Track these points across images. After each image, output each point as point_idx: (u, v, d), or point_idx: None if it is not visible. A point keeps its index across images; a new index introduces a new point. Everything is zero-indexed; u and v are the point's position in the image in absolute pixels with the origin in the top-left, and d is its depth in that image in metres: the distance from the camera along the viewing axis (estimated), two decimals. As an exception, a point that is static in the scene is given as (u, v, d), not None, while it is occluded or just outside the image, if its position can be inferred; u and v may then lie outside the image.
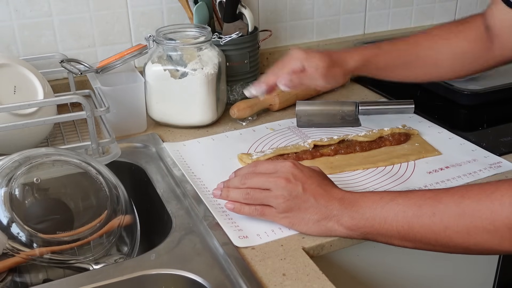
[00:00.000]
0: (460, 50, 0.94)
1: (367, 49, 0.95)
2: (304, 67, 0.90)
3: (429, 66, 0.96)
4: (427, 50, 0.95)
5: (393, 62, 0.95)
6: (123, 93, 1.01)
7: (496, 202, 0.62)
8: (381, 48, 0.95)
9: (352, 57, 0.93)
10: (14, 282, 0.76)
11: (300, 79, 0.90)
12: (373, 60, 0.94)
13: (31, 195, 0.75)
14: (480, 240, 0.63)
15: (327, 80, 0.91)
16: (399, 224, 0.68)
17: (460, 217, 0.64)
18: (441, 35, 0.95)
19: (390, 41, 0.97)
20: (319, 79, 0.90)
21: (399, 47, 0.96)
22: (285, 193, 0.73)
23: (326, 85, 0.92)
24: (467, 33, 0.94)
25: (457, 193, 0.66)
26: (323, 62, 0.90)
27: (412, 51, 0.95)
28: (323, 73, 0.90)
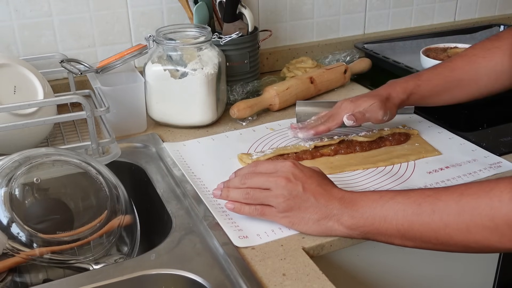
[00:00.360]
0: (500, 66, 0.95)
1: (409, 81, 0.97)
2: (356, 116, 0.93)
3: (471, 87, 0.97)
4: (466, 73, 0.96)
5: (436, 89, 0.97)
6: (123, 93, 1.01)
7: (495, 199, 0.62)
8: (421, 79, 0.97)
9: (397, 93, 0.95)
10: (14, 282, 0.76)
11: (362, 113, 0.93)
12: (416, 91, 0.96)
13: (31, 195, 0.75)
14: (480, 237, 0.64)
15: (385, 112, 0.93)
16: (399, 222, 0.68)
17: (459, 214, 0.64)
18: (478, 54, 0.97)
19: (429, 69, 0.99)
20: (379, 111, 0.93)
21: (439, 74, 0.98)
22: (285, 192, 0.73)
23: (385, 116, 0.93)
24: (504, 48, 0.95)
25: (456, 191, 0.66)
26: (374, 100, 0.93)
27: (452, 76, 0.97)
28: (380, 106, 0.93)
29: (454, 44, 1.35)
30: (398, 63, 1.29)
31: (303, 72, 1.25)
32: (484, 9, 1.62)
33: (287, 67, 1.30)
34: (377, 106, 0.93)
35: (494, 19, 1.62)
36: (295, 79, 1.18)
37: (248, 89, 1.15)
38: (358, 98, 0.96)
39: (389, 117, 0.94)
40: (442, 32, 1.50)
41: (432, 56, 1.28)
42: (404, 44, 1.43)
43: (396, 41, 1.43)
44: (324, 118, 0.98)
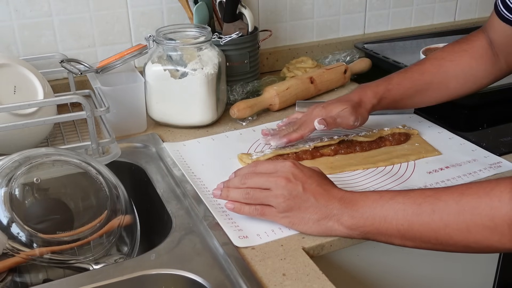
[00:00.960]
0: (468, 68, 0.97)
1: (379, 85, 0.97)
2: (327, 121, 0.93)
3: (440, 90, 0.98)
4: (436, 76, 0.97)
5: (407, 93, 0.97)
6: (123, 93, 1.01)
7: (495, 199, 0.62)
8: (392, 83, 0.97)
9: (368, 98, 0.95)
10: (14, 282, 0.76)
11: (333, 118, 0.93)
12: (387, 96, 0.96)
13: (31, 195, 0.75)
14: (480, 237, 0.64)
15: (357, 117, 0.93)
16: (399, 222, 0.68)
17: (459, 214, 0.64)
18: (446, 57, 0.98)
19: (399, 73, 1.00)
20: (350, 116, 0.93)
21: (409, 77, 0.98)
22: (285, 192, 0.73)
23: (356, 122, 0.93)
24: (471, 51, 0.97)
25: (456, 191, 0.66)
26: (345, 105, 0.93)
27: (421, 80, 0.97)
28: (351, 111, 0.93)
29: (454, 44, 1.34)
30: (398, 63, 1.29)
31: (303, 72, 1.25)
32: (484, 9, 1.62)
33: (287, 67, 1.30)
34: (348, 111, 0.92)
35: (494, 19, 1.62)
36: (295, 79, 1.18)
37: (248, 89, 1.15)
38: (330, 103, 0.96)
39: (361, 122, 0.94)
40: (442, 32, 1.50)
41: (432, 56, 1.27)
42: (404, 44, 1.43)
43: (396, 41, 1.44)
44: (296, 124, 0.97)
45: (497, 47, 0.96)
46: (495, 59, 0.96)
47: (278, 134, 0.97)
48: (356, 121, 0.93)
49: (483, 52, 0.96)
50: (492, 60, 0.96)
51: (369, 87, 0.97)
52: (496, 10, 0.92)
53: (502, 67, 0.97)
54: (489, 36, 0.96)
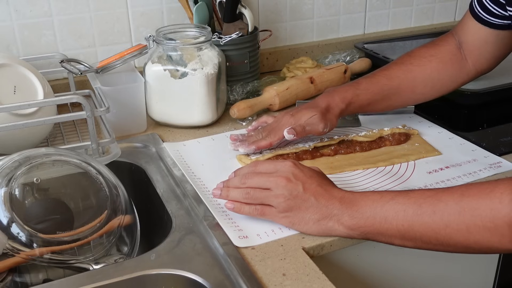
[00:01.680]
0: (436, 73, 0.97)
1: (348, 91, 0.97)
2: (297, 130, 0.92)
3: (407, 95, 0.99)
4: (403, 81, 0.97)
5: (374, 98, 0.97)
6: (123, 93, 1.01)
7: (495, 200, 0.62)
8: (359, 88, 0.97)
9: (336, 103, 0.95)
10: (14, 282, 0.76)
11: (302, 127, 0.92)
12: (355, 101, 0.96)
13: (31, 195, 0.75)
14: (480, 238, 0.64)
15: (326, 124, 0.93)
16: (399, 222, 0.68)
17: (460, 215, 0.64)
18: (414, 62, 0.98)
19: (367, 78, 1.00)
20: (319, 123, 0.92)
21: (377, 82, 0.98)
22: (285, 192, 0.73)
23: (325, 129, 0.94)
24: (439, 56, 0.97)
25: (457, 191, 0.66)
26: (314, 112, 0.93)
27: (389, 85, 0.97)
28: (320, 118, 0.92)
29: (454, 44, 1.34)
30: (398, 63, 1.29)
31: (303, 72, 1.25)
32: (484, 9, 1.62)
33: (287, 67, 1.30)
34: (317, 118, 0.92)
35: (494, 19, 1.62)
36: (295, 79, 1.18)
37: (248, 89, 1.15)
38: (298, 111, 0.95)
39: (330, 128, 0.94)
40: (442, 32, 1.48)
41: (432, 56, 1.27)
42: (404, 44, 1.43)
43: (396, 41, 1.43)
44: (265, 132, 0.96)
45: (467, 50, 0.96)
46: (463, 63, 0.97)
47: (247, 140, 0.96)
48: (325, 127, 0.93)
49: (451, 56, 0.97)
50: (460, 64, 0.97)
51: (337, 92, 0.97)
52: (472, 11, 0.93)
53: (469, 71, 0.97)
54: (459, 39, 0.97)
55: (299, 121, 0.93)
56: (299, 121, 0.93)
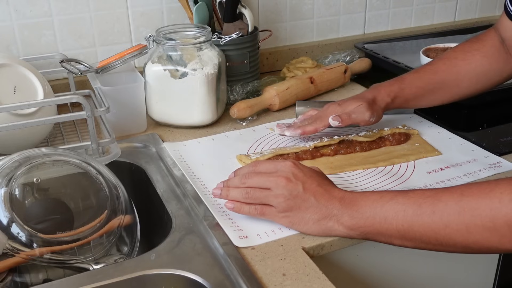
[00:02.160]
0: (480, 68, 0.97)
1: (393, 85, 0.98)
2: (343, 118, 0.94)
3: (452, 89, 0.99)
4: (448, 75, 0.98)
5: (419, 92, 0.98)
6: (123, 93, 1.01)
7: (495, 199, 0.62)
8: (405, 82, 0.98)
9: (382, 97, 0.96)
10: (14, 282, 0.76)
11: (348, 114, 0.94)
12: (400, 95, 0.97)
13: (31, 195, 0.75)
14: (480, 238, 0.64)
15: (373, 113, 0.94)
16: (399, 223, 0.68)
17: (459, 215, 0.64)
18: (458, 57, 0.98)
19: (412, 72, 1.01)
20: (366, 112, 0.94)
21: (421, 77, 0.99)
22: (285, 192, 0.73)
23: (372, 118, 0.94)
24: (483, 50, 0.97)
25: (456, 191, 0.66)
26: (361, 102, 0.94)
27: (434, 79, 0.98)
28: (367, 107, 0.94)
29: (454, 44, 1.34)
30: (398, 63, 1.29)
31: (303, 72, 1.25)
32: (484, 9, 1.62)
33: (287, 67, 1.30)
34: (364, 107, 0.94)
35: (494, 19, 1.61)
36: (295, 79, 1.18)
37: (248, 89, 1.15)
38: (345, 101, 0.97)
39: (376, 119, 0.95)
40: (442, 32, 1.50)
41: (432, 56, 1.28)
42: (404, 44, 1.43)
43: (396, 41, 1.44)
44: (311, 119, 0.98)
45: (508, 46, 0.96)
46: (507, 57, 0.96)
47: (293, 126, 0.98)
48: (372, 116, 0.94)
49: (494, 50, 0.97)
50: (504, 58, 0.96)
51: (383, 86, 0.98)
52: (506, 10, 0.93)
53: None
54: (501, 34, 0.97)
55: (345, 110, 0.94)
56: (345, 109, 0.94)
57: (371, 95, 0.97)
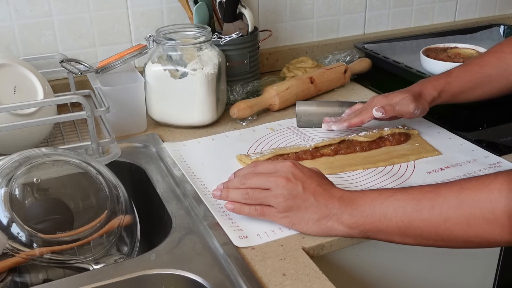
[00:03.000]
0: None
1: (439, 79, 0.99)
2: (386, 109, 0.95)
3: (500, 83, 0.99)
4: (495, 69, 0.98)
5: (467, 86, 0.98)
6: (123, 93, 1.01)
7: (495, 191, 0.62)
8: (451, 76, 0.99)
9: (428, 91, 0.97)
10: (14, 282, 0.76)
11: (392, 106, 0.95)
12: (447, 89, 0.97)
13: (31, 195, 0.75)
14: (480, 230, 0.64)
15: (417, 106, 0.94)
16: (398, 219, 0.68)
17: (459, 208, 0.64)
18: (506, 50, 0.98)
19: (460, 67, 1.01)
20: (410, 104, 0.94)
21: (468, 70, 0.99)
22: (285, 192, 0.73)
23: (416, 110, 0.95)
24: None
25: (456, 185, 0.67)
26: (406, 94, 0.95)
27: (482, 72, 0.98)
28: (412, 100, 0.94)
29: (454, 44, 1.35)
30: (398, 63, 1.29)
31: (303, 72, 1.25)
32: (484, 9, 1.62)
33: (287, 67, 1.30)
34: (409, 99, 0.94)
35: (494, 19, 1.62)
36: (295, 79, 1.18)
37: (248, 89, 1.15)
38: (391, 93, 0.98)
39: (421, 112, 0.96)
40: (442, 32, 1.50)
41: (432, 56, 1.28)
42: (404, 44, 1.43)
43: (396, 41, 1.43)
44: (356, 112, 0.99)
45: None
46: None
47: (339, 120, 1.00)
48: (417, 109, 0.94)
49: None
50: None
51: (429, 81, 0.99)
52: None
53: None
54: None
55: (390, 102, 0.95)
56: (391, 101, 0.95)
57: (417, 88, 0.97)
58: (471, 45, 1.32)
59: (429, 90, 0.97)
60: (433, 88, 0.97)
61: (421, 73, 1.23)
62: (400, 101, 0.95)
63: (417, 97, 0.95)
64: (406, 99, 0.94)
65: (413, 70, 1.25)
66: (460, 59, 1.25)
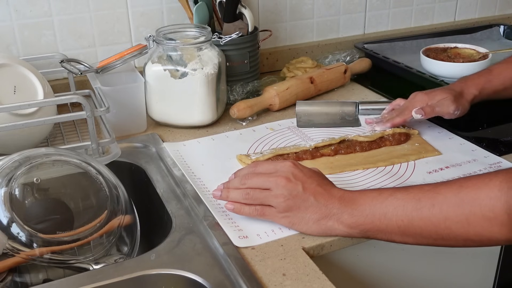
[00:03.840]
0: None
1: (480, 76, 0.99)
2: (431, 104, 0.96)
3: None
4: None
5: (508, 82, 0.99)
6: (123, 93, 1.01)
7: (494, 188, 0.62)
8: (492, 73, 0.99)
9: (469, 89, 0.97)
10: (14, 282, 0.76)
11: (431, 107, 0.96)
12: (488, 86, 0.98)
13: (31, 195, 0.75)
14: (480, 229, 0.63)
15: (458, 106, 0.95)
16: (399, 218, 0.68)
17: (459, 206, 0.64)
18: None
19: (500, 63, 1.02)
20: (451, 105, 0.95)
21: (509, 67, 0.99)
22: (285, 192, 0.73)
23: (456, 111, 0.96)
24: None
25: (455, 183, 0.67)
26: (447, 94, 0.96)
27: None
28: (453, 100, 0.95)
29: (454, 44, 1.34)
30: (398, 63, 1.29)
31: (303, 72, 1.25)
32: (484, 9, 1.62)
33: (287, 67, 1.30)
34: (449, 100, 0.95)
35: (494, 19, 1.62)
36: (295, 79, 1.18)
37: (248, 89, 1.15)
38: (433, 90, 0.98)
39: (461, 111, 0.96)
40: (442, 32, 1.50)
41: (432, 56, 1.28)
42: (404, 44, 1.43)
43: (396, 41, 1.43)
44: (398, 110, 1.00)
45: None
46: None
47: (382, 121, 1.01)
48: (457, 110, 0.95)
49: None
50: None
51: (470, 79, 0.99)
52: None
53: None
54: None
55: (432, 100, 0.95)
56: (432, 99, 0.96)
57: (459, 87, 0.97)
58: (471, 45, 1.32)
59: (470, 89, 0.97)
60: (474, 86, 0.97)
61: (421, 73, 1.23)
62: (440, 102, 0.95)
63: (458, 96, 0.96)
64: (447, 100, 0.95)
65: (413, 70, 1.25)
66: (460, 59, 1.25)
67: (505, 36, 1.52)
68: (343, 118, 1.10)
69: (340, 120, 1.09)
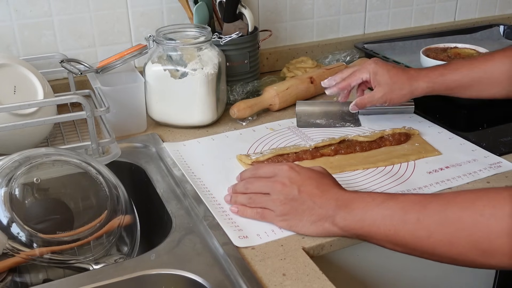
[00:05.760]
0: None
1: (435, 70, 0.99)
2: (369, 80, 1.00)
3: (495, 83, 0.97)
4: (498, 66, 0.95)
5: (465, 80, 0.97)
6: (123, 93, 1.01)
7: (477, 212, 0.61)
8: (447, 67, 0.99)
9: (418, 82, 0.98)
10: (14, 282, 0.76)
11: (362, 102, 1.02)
12: (439, 80, 0.97)
13: (31, 195, 0.75)
14: (463, 250, 0.62)
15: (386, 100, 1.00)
16: (386, 227, 0.67)
17: (443, 225, 0.63)
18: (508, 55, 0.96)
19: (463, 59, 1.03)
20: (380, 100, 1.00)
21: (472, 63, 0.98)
22: (281, 197, 0.75)
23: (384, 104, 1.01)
24: None
25: (444, 198, 0.65)
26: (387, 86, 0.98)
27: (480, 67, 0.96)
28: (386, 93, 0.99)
29: (454, 44, 1.34)
30: (398, 63, 1.29)
31: (303, 72, 1.25)
32: (484, 9, 1.62)
33: (287, 67, 1.30)
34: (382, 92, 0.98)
35: (494, 19, 1.62)
36: (295, 79, 1.18)
37: (248, 89, 1.15)
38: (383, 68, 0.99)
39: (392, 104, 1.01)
40: (442, 32, 1.50)
41: (432, 56, 1.28)
42: (404, 44, 1.43)
43: (396, 41, 1.43)
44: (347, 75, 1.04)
45: None
46: None
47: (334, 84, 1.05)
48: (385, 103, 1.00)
49: None
50: None
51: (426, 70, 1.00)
52: None
53: None
54: None
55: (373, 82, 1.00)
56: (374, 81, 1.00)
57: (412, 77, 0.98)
58: (471, 45, 1.32)
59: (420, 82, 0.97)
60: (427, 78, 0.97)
61: (421, 73, 1.23)
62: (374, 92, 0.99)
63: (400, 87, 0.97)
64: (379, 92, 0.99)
65: (413, 70, 1.24)
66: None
67: (505, 36, 1.52)
68: (343, 118, 1.10)
69: (340, 120, 1.09)
